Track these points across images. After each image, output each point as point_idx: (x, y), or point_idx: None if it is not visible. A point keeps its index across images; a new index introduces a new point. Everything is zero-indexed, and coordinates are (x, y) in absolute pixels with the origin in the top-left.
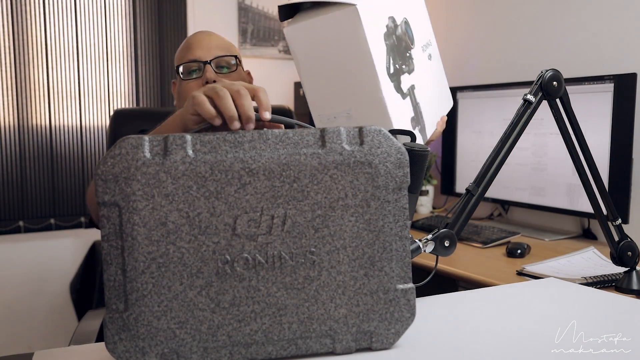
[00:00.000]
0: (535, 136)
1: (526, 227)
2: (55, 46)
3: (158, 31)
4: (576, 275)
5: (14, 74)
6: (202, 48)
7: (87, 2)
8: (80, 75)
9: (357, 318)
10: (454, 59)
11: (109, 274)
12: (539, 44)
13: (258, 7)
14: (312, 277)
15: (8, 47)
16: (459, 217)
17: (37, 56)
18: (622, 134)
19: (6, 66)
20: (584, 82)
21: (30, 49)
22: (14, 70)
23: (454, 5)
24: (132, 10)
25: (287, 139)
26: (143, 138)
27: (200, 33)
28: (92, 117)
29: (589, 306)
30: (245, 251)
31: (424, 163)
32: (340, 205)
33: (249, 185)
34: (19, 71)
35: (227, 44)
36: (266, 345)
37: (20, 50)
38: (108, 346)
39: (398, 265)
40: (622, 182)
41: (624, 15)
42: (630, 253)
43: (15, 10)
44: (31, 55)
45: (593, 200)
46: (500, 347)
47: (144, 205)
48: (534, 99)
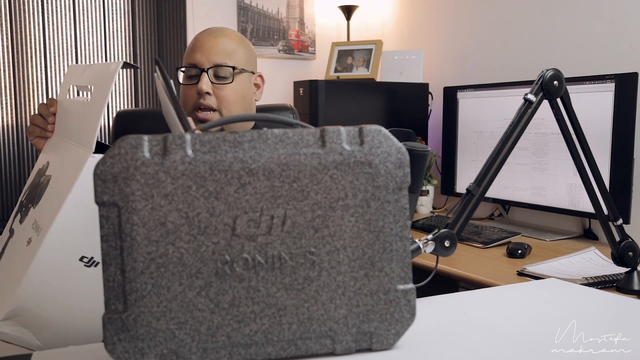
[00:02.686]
0: (536, 136)
1: (527, 227)
2: (54, 46)
3: (157, 31)
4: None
5: (12, 73)
6: (203, 52)
7: (86, 1)
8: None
9: (357, 319)
10: (454, 59)
11: (108, 274)
12: (540, 43)
13: (257, 6)
14: (312, 278)
15: (6, 46)
16: (460, 217)
17: (35, 56)
18: (623, 134)
19: (5, 66)
20: (584, 82)
21: (28, 48)
22: (12, 70)
23: (454, 5)
24: (131, 10)
25: (286, 138)
26: (142, 138)
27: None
28: None
29: (590, 306)
30: (244, 251)
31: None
32: (340, 205)
33: (248, 185)
34: (17, 71)
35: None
36: (266, 345)
37: (18, 49)
38: (107, 347)
39: (398, 266)
40: (623, 182)
41: (624, 15)
42: (632, 253)
43: (13, 10)
44: (30, 55)
45: (594, 201)
46: (500, 347)
47: (143, 206)
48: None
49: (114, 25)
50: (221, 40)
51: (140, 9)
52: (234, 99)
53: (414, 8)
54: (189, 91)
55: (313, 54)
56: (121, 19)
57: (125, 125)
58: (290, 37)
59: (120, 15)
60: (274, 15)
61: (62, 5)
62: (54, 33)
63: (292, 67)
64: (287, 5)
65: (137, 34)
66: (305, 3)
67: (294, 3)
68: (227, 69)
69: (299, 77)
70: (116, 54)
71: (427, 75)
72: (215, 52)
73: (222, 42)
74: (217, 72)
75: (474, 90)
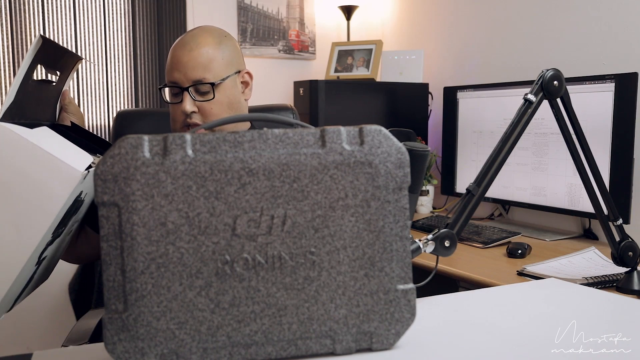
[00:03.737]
0: (536, 136)
1: (527, 227)
2: None
3: (157, 31)
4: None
5: (12, 74)
6: (180, 70)
7: (86, 1)
8: (79, 75)
9: (357, 318)
10: (454, 59)
11: (108, 274)
12: (540, 43)
13: (257, 6)
14: (312, 278)
15: (7, 46)
16: (460, 217)
17: None
18: (623, 134)
19: (5, 65)
20: (584, 82)
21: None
22: (12, 69)
23: (454, 5)
24: (131, 10)
25: (287, 138)
26: (142, 138)
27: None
28: (91, 118)
29: (590, 306)
30: (245, 251)
31: (424, 163)
32: (340, 205)
33: (248, 185)
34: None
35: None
36: (266, 345)
37: (18, 50)
38: (107, 347)
39: (398, 266)
40: (623, 182)
41: (624, 15)
42: (631, 253)
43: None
44: None
45: (594, 200)
46: (500, 347)
47: (144, 205)
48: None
49: (114, 25)
50: (196, 53)
51: (140, 9)
52: (220, 110)
53: (414, 8)
54: (176, 109)
55: (313, 54)
56: (121, 19)
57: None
58: (291, 37)
59: (120, 15)
60: (274, 15)
61: (62, 5)
62: (54, 33)
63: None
64: (287, 5)
65: (137, 34)
66: (305, 3)
67: (294, 3)
68: (207, 85)
69: (299, 77)
70: (116, 54)
71: (427, 75)
72: (192, 67)
73: (197, 55)
74: (198, 88)
75: (474, 90)
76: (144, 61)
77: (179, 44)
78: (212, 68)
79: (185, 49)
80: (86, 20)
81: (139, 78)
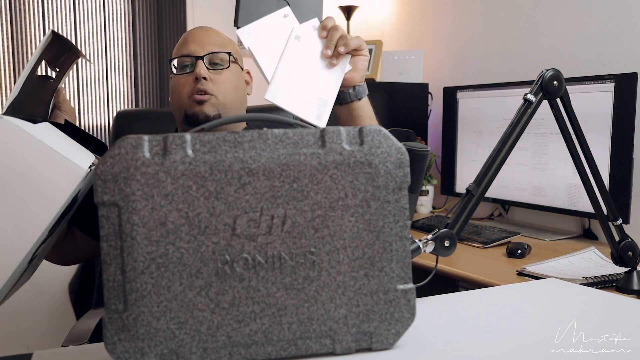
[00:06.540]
0: (536, 136)
1: (526, 227)
2: None
3: (157, 31)
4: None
5: (12, 74)
6: (197, 43)
7: (86, 1)
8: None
9: (357, 318)
10: (454, 59)
11: (108, 274)
12: (539, 43)
13: None
14: (312, 278)
15: (7, 46)
16: (459, 217)
17: None
18: (623, 134)
19: (5, 65)
20: (584, 82)
21: (29, 48)
22: (12, 70)
23: (454, 5)
24: (131, 10)
25: (286, 138)
26: (142, 138)
27: (197, 28)
28: (91, 118)
29: (589, 306)
30: (244, 251)
31: (424, 163)
32: (340, 205)
33: (248, 185)
34: (17, 71)
35: (223, 40)
36: (266, 345)
37: (18, 50)
38: (107, 347)
39: (398, 266)
40: (622, 182)
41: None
42: (631, 253)
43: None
44: (30, 54)
45: (594, 200)
46: (500, 347)
47: (144, 205)
48: (535, 98)
49: (114, 25)
50: (213, 32)
51: (140, 9)
52: (230, 86)
53: (414, 8)
54: (183, 80)
55: None
56: (121, 19)
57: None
58: None
59: (120, 15)
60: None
61: (62, 5)
62: None
63: None
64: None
65: (137, 34)
66: None
67: None
68: (222, 56)
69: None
70: (116, 54)
71: (427, 75)
72: (209, 42)
73: (214, 34)
74: (213, 59)
75: (474, 91)
76: (144, 61)
77: (195, 28)
78: (227, 47)
79: (202, 30)
80: (86, 20)
81: (139, 78)
